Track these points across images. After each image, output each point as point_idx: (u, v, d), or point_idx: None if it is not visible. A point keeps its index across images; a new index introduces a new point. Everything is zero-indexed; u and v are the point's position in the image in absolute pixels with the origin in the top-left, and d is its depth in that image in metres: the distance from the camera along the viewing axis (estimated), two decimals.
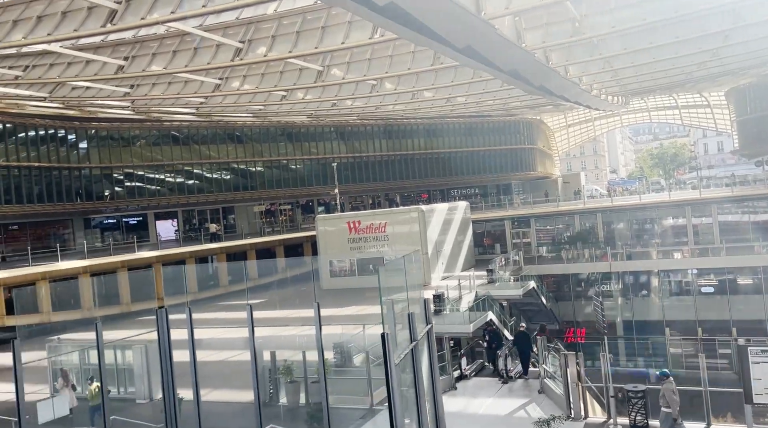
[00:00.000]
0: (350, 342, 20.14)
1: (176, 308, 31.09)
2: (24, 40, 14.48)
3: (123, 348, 18.11)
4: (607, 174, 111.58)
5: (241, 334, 26.11)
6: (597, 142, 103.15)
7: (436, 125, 60.79)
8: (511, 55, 16.02)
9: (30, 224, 43.04)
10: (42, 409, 9.64)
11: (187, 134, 49.05)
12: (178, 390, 16.38)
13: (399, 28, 11.74)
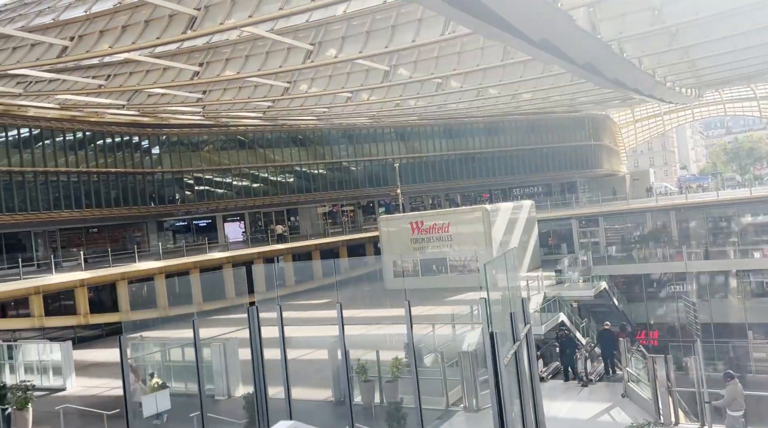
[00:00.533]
0: (420, 342, 20.05)
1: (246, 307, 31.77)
2: (110, 49, 15.18)
3: (202, 345, 18.61)
4: (677, 170, 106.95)
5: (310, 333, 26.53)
6: (666, 137, 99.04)
7: (497, 123, 59.87)
8: (587, 47, 15.50)
9: (108, 227, 45.09)
10: (146, 404, 9.98)
11: (252, 138, 50.24)
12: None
13: (475, 23, 11.54)
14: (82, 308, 30.93)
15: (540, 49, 14.68)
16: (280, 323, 10.55)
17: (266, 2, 12.85)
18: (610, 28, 16.56)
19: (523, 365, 8.99)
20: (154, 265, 33.92)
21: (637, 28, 16.88)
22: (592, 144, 65.78)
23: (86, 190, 40.85)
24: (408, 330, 12.31)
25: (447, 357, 21.44)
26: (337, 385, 17.21)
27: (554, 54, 15.46)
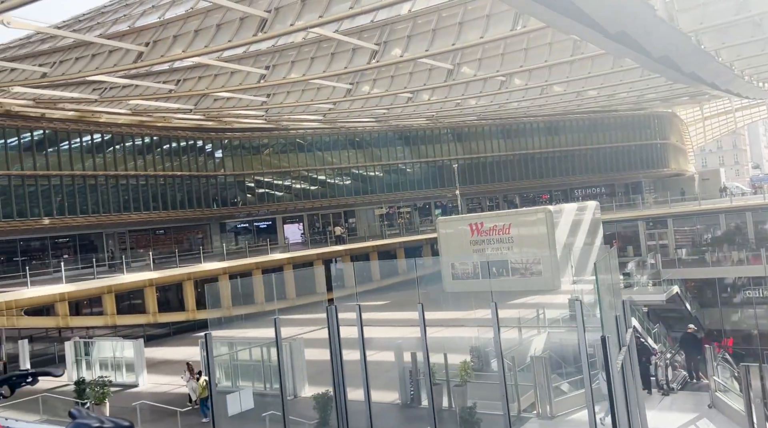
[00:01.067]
0: (487, 345, 19.63)
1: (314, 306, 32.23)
2: (183, 54, 15.55)
3: (269, 345, 18.81)
4: (749, 170, 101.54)
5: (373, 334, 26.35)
6: (737, 135, 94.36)
7: (557, 122, 58.41)
8: (665, 39, 14.77)
9: (173, 228, 46.51)
10: (231, 402, 10.07)
11: (310, 141, 50.83)
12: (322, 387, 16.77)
13: (553, 16, 11.12)
14: (151, 307, 31.98)
15: (616, 42, 14.07)
16: (359, 323, 10.38)
17: (336, 2, 12.83)
18: (689, 18, 15.74)
19: (629, 370, 8.52)
20: (219, 266, 34.74)
21: (719, 17, 15.98)
22: (658, 142, 63.26)
23: (153, 192, 42.29)
24: (495, 335, 11.92)
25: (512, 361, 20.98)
26: (404, 388, 17.05)
27: (630, 47, 14.80)
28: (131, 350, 22.13)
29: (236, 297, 37.47)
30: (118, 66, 17.15)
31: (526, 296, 32.88)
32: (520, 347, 21.33)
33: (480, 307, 31.73)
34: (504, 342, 21.29)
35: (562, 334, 23.74)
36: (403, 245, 44.54)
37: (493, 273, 36.71)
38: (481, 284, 36.81)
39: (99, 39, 16.54)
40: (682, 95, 38.61)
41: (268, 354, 19.01)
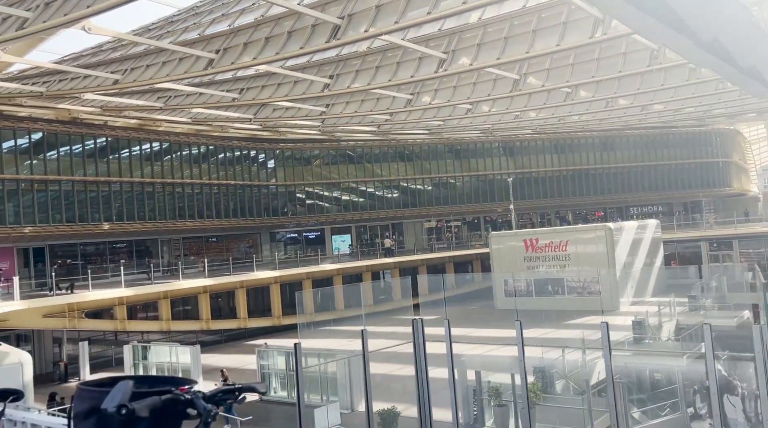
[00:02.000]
0: (552, 366, 18.87)
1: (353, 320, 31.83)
2: (253, 61, 15.58)
3: (328, 356, 18.54)
4: None
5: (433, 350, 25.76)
6: None
7: (612, 137, 56.83)
8: (758, 47, 13.93)
9: (224, 237, 47.10)
10: (318, 416, 9.77)
11: (360, 153, 50.85)
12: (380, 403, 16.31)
13: (643, 21, 10.53)
14: (204, 313, 32.25)
15: (706, 51, 13.28)
16: (448, 339, 9.92)
17: (411, 8, 12.57)
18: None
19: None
20: (270, 275, 34.86)
21: None
22: (720, 161, 60.75)
23: (207, 201, 42.94)
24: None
25: (576, 383, 20.07)
26: (468, 407, 16.44)
27: (720, 57, 13.98)
28: (188, 355, 22.21)
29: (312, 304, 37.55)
30: (188, 73, 17.35)
31: (583, 316, 31.77)
32: (582, 370, 20.47)
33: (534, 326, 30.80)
34: (567, 364, 20.46)
35: (627, 358, 22.70)
36: (452, 259, 43.85)
37: (548, 292, 35.69)
38: (535, 302, 35.85)
39: (171, 46, 16.76)
40: (750, 111, 36.94)
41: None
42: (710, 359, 14.17)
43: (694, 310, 30.22)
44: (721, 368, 23.84)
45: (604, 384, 17.93)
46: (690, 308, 30.40)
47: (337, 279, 38.62)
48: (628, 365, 22.86)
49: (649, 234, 37.65)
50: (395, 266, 40.91)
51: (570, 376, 19.02)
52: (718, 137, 61.08)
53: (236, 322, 33.82)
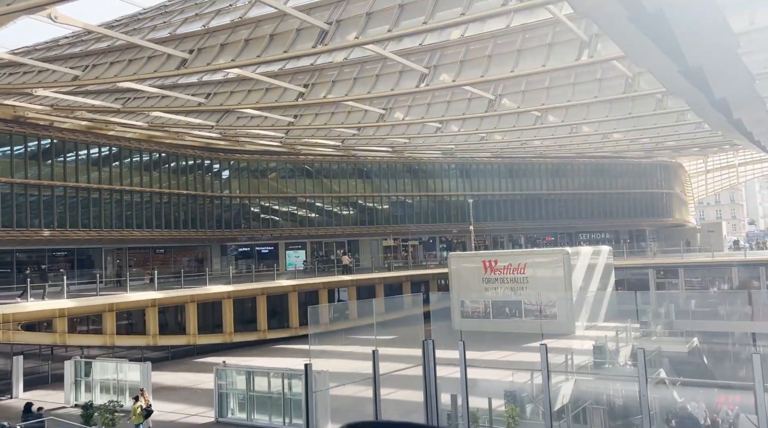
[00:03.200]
0: (523, 391, 18.61)
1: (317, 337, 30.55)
2: (232, 63, 14.84)
3: (291, 377, 17.64)
4: (746, 225, 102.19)
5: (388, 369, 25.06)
6: (734, 190, 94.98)
7: (564, 165, 58.29)
8: (733, 79, 14.28)
9: (173, 249, 45.25)
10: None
11: (318, 168, 50.17)
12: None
13: (639, 40, 10.52)
14: (152, 328, 30.57)
15: (687, 77, 13.52)
16: (462, 361, 9.40)
17: (405, 17, 12.21)
18: (756, 61, 15.33)
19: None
20: (224, 289, 33.49)
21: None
22: (664, 192, 63.28)
23: (156, 210, 41.22)
24: (545, 379, 10.92)
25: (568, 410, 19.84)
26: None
27: (698, 84, 14.26)
28: (137, 373, 20.77)
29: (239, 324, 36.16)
30: (158, 72, 16.39)
31: (539, 339, 31.87)
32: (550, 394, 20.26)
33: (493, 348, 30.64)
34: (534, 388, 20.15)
35: (590, 383, 22.73)
36: (409, 279, 43.49)
37: (506, 314, 35.76)
38: (493, 324, 35.83)
39: (145, 42, 15.80)
40: (693, 146, 38.53)
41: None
42: (643, 384, 14.01)
43: (646, 336, 30.84)
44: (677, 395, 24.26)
45: (577, 410, 17.78)
46: (643, 333, 31.01)
47: (292, 295, 37.57)
48: (590, 389, 22.93)
49: (602, 260, 38.43)
50: (352, 284, 40.18)
51: (538, 400, 18.76)
52: (663, 169, 63.64)
53: (185, 338, 32.22)
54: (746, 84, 16.01)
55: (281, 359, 31.13)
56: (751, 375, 33.69)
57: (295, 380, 17.57)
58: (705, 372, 33.33)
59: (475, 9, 11.12)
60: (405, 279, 43.27)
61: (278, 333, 36.96)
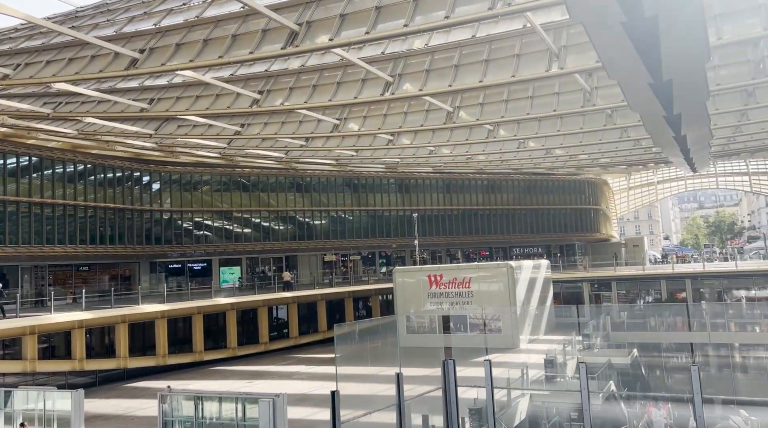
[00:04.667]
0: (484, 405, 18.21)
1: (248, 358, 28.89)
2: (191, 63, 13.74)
3: (247, 401, 16.44)
4: (661, 240, 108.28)
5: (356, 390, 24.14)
6: (651, 207, 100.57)
7: (498, 181, 59.59)
8: (695, 95, 14.71)
9: (99, 265, 42.41)
10: None
11: (255, 182, 48.73)
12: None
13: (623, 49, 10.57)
14: (78, 352, 28.17)
15: (655, 90, 13.80)
16: (489, 380, 8.75)
17: (382, 20, 11.70)
18: (711, 77, 15.91)
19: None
20: (157, 308, 31.46)
21: (738, 80, 16.31)
22: (591, 208, 65.89)
23: (81, 225, 38.57)
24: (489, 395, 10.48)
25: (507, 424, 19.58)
26: None
27: (662, 98, 14.59)
28: (67, 401, 18.79)
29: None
30: (104, 72, 15.01)
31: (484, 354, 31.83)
32: (510, 409, 20.07)
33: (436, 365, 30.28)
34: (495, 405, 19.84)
35: (545, 397, 22.73)
36: (352, 294, 42.68)
37: (452, 329, 35.57)
38: (439, 339, 35.53)
39: (95, 39, 14.40)
40: (633, 162, 40.19)
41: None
42: (585, 397, 13.95)
43: (588, 348, 31.48)
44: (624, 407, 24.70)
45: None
46: (585, 346, 31.62)
47: (230, 314, 35.87)
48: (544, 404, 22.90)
49: (542, 274, 39.11)
50: (293, 301, 38.92)
51: (500, 418, 18.48)
52: (590, 186, 66.32)
53: (115, 362, 29.93)
54: (702, 100, 16.50)
55: (221, 382, 29.49)
56: (686, 386, 34.63)
57: (250, 405, 16.39)
58: (644, 383, 34.46)
59: (459, 13, 10.77)
60: (347, 295, 42.44)
61: (216, 355, 35.13)
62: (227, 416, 16.80)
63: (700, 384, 13.09)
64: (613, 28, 10.11)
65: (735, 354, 35.64)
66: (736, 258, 44.97)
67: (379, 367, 30.46)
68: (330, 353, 36.59)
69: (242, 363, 34.93)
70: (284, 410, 16.33)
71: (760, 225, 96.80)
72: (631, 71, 12.68)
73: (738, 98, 19.72)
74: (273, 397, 16.03)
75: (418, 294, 36.55)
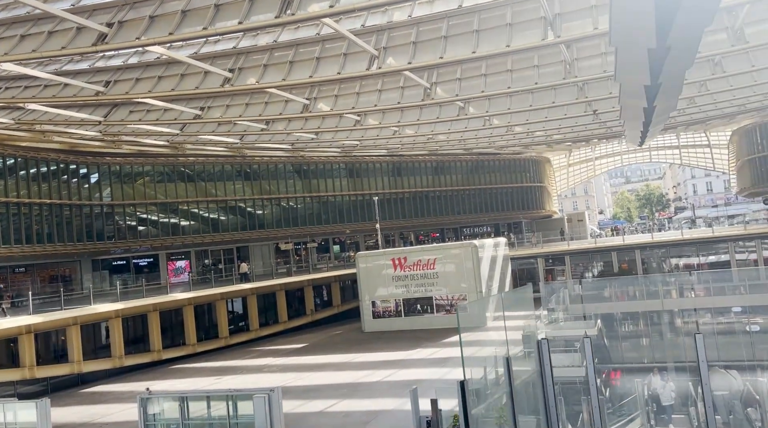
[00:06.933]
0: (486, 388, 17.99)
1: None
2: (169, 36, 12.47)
3: (240, 398, 15.50)
4: (597, 215, 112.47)
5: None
6: (587, 183, 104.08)
7: (446, 162, 59.81)
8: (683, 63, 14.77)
9: (36, 266, 39.58)
10: None
11: (200, 171, 46.69)
12: None
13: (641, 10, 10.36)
14: (28, 359, 26.05)
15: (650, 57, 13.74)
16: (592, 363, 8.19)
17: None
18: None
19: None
20: (112, 308, 29.56)
21: (715, 47, 16.59)
22: (536, 185, 67.32)
23: (14, 223, 35.74)
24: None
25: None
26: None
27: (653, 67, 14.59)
28: (31, 412, 17.22)
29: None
30: (68, 49, 13.41)
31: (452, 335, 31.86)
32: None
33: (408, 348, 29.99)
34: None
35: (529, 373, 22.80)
36: (311, 283, 41.75)
37: (417, 311, 35.43)
38: (405, 322, 35.34)
39: (64, 13, 12.74)
40: (583, 138, 41.00)
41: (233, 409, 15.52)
42: (548, 372, 13.73)
43: (553, 322, 32.02)
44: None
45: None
46: (549, 320, 32.16)
47: (188, 309, 34.26)
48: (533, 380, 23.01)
49: (501, 252, 39.51)
50: (252, 292, 37.61)
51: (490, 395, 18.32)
52: (534, 164, 67.70)
53: (69, 367, 27.94)
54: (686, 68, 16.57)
55: (186, 380, 28.05)
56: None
57: (242, 401, 15.47)
58: (606, 353, 35.50)
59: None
60: (307, 284, 41.49)
61: (175, 353, 33.49)
62: (217, 415, 15.81)
63: (705, 352, 13.23)
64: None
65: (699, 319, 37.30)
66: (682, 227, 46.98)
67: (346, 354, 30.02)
68: (293, 344, 35.82)
69: (203, 359, 33.47)
70: (280, 404, 15.53)
71: (686, 196, 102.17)
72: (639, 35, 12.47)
73: (705, 68, 20.19)
74: (268, 392, 15.18)
75: (383, 278, 36.16)
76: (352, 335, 36.19)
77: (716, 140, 68.47)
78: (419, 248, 39.33)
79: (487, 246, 36.87)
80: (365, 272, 36.57)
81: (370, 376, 24.27)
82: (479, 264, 34.29)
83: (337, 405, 20.33)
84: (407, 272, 35.46)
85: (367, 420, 18.31)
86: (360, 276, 36.75)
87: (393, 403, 19.72)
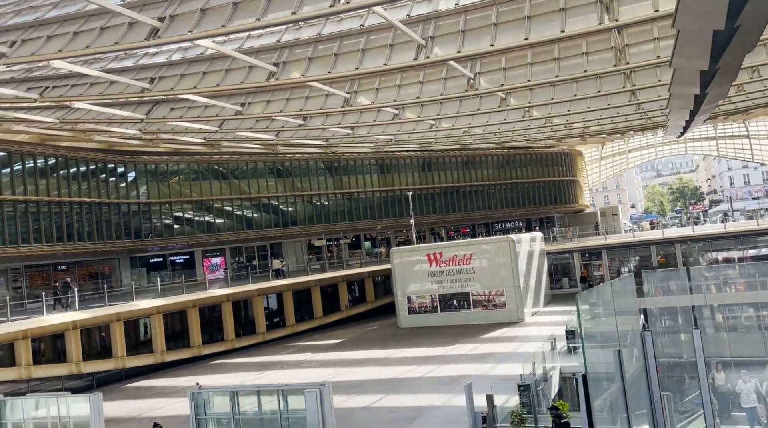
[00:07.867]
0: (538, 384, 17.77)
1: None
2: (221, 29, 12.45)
3: (291, 392, 15.45)
4: (628, 209, 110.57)
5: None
6: (619, 176, 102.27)
7: (474, 157, 59.27)
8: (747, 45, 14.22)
9: (77, 263, 40.29)
10: None
11: (233, 169, 47.03)
12: None
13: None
14: (75, 354, 26.54)
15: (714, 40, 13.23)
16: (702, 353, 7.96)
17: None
18: None
19: None
20: (153, 304, 29.97)
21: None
22: (568, 179, 66.36)
23: (56, 222, 36.38)
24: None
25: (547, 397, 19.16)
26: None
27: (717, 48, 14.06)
28: (84, 406, 17.40)
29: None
30: (120, 44, 13.53)
31: (492, 330, 31.52)
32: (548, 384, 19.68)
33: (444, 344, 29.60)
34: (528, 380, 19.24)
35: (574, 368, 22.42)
36: (345, 279, 41.76)
37: (454, 306, 35.15)
38: (441, 318, 35.08)
39: (117, 7, 12.86)
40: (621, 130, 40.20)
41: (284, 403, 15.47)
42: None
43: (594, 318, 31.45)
44: None
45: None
46: (592, 315, 31.58)
47: (226, 305, 34.57)
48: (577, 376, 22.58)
49: (537, 246, 39.01)
50: (288, 288, 37.78)
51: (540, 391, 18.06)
52: (566, 158, 66.68)
53: (113, 362, 28.40)
54: (747, 51, 15.98)
55: (228, 375, 28.31)
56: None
57: (293, 396, 15.42)
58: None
59: None
60: (341, 280, 41.51)
61: (214, 348, 33.86)
62: (268, 409, 15.80)
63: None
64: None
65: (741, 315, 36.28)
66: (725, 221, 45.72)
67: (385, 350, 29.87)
68: (330, 339, 35.84)
69: (241, 355, 33.76)
70: (330, 399, 15.43)
71: (722, 188, 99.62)
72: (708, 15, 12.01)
73: (759, 52, 19.50)
74: (319, 386, 15.08)
75: (418, 273, 35.94)
76: (388, 330, 36.08)
77: (755, 131, 66.56)
78: (455, 243, 39.04)
79: (524, 241, 36.39)
80: (400, 267, 36.39)
81: (411, 372, 24.09)
82: (516, 259, 33.85)
83: (381, 400, 20.22)
84: (443, 267, 35.18)
85: (414, 416, 18.15)
86: (395, 272, 36.59)
87: (439, 399, 19.53)
